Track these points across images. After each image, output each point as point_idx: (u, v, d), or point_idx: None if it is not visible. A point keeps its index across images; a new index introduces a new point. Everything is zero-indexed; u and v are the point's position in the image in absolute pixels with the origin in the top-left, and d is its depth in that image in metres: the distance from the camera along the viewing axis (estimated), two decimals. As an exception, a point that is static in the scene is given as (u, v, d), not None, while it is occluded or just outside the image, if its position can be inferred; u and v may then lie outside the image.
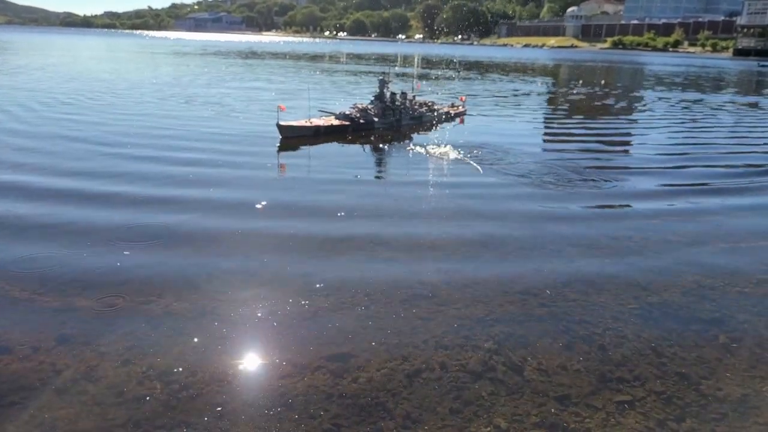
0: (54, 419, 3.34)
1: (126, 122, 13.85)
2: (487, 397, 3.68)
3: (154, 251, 5.83)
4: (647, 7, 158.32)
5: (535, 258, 6.06)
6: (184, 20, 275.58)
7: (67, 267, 5.36)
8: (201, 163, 9.76)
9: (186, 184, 8.47)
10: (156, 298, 4.83)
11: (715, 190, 9.36)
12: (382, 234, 6.59)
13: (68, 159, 9.83)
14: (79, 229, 6.41)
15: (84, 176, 8.71)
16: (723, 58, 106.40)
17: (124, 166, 9.38)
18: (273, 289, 5.12)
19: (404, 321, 4.59)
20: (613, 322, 4.72)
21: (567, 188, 9.00)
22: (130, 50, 60.79)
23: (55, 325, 4.34)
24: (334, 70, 39.35)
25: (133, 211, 7.10)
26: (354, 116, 13.48)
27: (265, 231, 6.61)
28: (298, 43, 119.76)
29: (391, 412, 3.51)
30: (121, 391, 3.59)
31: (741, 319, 4.88)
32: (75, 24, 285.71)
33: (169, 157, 10.10)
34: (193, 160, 9.93)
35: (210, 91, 21.60)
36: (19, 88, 19.98)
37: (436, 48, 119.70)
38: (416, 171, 10.02)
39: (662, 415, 3.58)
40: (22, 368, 3.80)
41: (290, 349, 4.14)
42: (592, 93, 28.44)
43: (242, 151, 10.98)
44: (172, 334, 4.27)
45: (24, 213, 6.87)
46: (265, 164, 10.18)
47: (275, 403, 3.54)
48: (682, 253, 6.41)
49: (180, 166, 9.47)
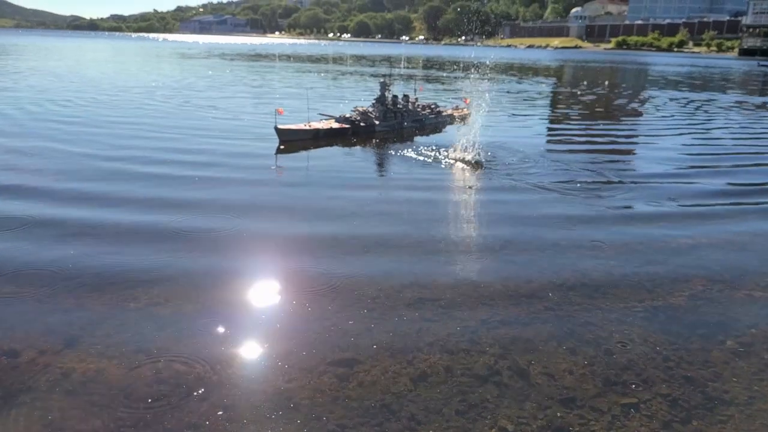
0: (63, 419, 3.37)
1: (123, 124, 13.94)
2: (492, 400, 3.69)
3: (155, 253, 5.87)
4: (651, 8, 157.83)
5: (541, 261, 6.06)
6: (189, 23, 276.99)
7: (76, 268, 5.41)
8: (196, 166, 9.73)
9: (180, 186, 8.46)
10: (163, 300, 4.87)
11: (737, 194, 9.20)
12: (383, 235, 6.61)
13: (65, 161, 9.91)
14: (77, 230, 6.46)
15: (84, 179, 8.77)
16: (728, 58, 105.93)
17: (114, 169, 9.38)
18: (277, 291, 5.15)
19: (409, 323, 4.60)
20: (618, 325, 4.71)
21: (572, 191, 8.97)
22: (136, 53, 61.16)
23: (63, 326, 4.38)
24: (337, 72, 39.43)
25: (129, 212, 7.15)
26: (354, 119, 13.35)
27: (265, 234, 6.64)
28: (301, 45, 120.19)
29: (397, 414, 3.52)
30: (129, 393, 3.62)
31: (748, 323, 4.86)
32: (81, 27, 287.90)
33: (160, 160, 10.05)
34: (187, 163, 9.88)
35: (211, 93, 21.69)
36: (39, 90, 20.15)
37: (440, 49, 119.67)
38: (416, 174, 9.96)
39: (668, 417, 3.57)
40: (30, 368, 3.84)
41: (295, 351, 4.16)
42: (599, 94, 28.38)
43: (239, 154, 10.94)
44: (178, 336, 4.30)
45: (32, 213, 6.93)
46: (262, 167, 10.16)
47: (281, 405, 3.56)
48: (695, 258, 6.39)
49: (172, 169, 9.41)
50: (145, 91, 21.90)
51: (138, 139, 12.18)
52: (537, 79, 39.85)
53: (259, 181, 9.13)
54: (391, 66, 27.80)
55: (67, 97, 18.83)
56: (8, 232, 6.37)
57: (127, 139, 12.05)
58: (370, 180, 9.67)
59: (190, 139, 12.40)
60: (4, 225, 6.56)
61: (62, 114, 15.36)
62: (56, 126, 13.44)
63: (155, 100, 18.91)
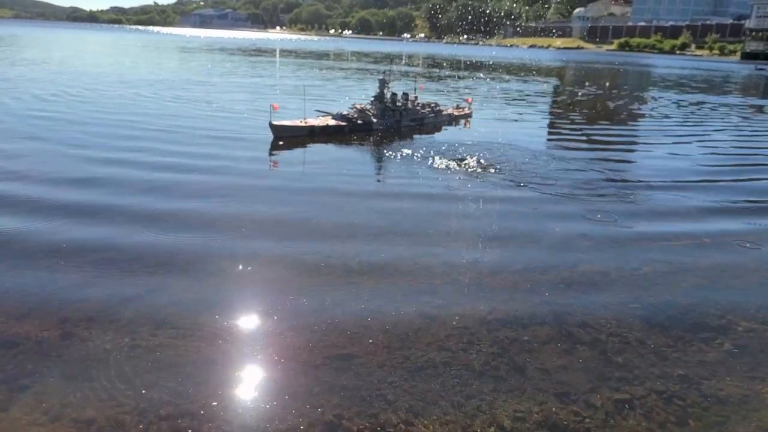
0: (62, 405, 3.40)
1: (115, 118, 13.81)
2: (488, 393, 3.72)
3: (153, 254, 5.89)
4: (655, 9, 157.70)
5: (540, 258, 6.09)
6: (190, 16, 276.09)
7: (78, 261, 5.43)
8: (183, 166, 9.28)
9: (165, 189, 7.94)
10: (158, 298, 4.89)
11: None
12: (383, 236, 6.63)
13: (59, 160, 9.88)
14: (73, 236, 6.47)
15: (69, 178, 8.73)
16: (731, 62, 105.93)
17: (94, 168, 8.90)
18: (274, 286, 5.18)
19: (407, 319, 4.63)
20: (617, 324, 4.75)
21: (572, 191, 8.99)
22: (136, 46, 60.96)
23: (63, 314, 4.40)
24: (337, 68, 39.38)
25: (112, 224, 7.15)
26: (351, 117, 13.13)
27: (261, 238, 6.66)
28: (303, 41, 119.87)
29: (393, 404, 3.55)
30: (129, 380, 3.65)
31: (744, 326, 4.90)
32: (81, 19, 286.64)
33: (145, 161, 9.53)
34: (175, 162, 9.49)
35: (208, 88, 21.53)
36: (37, 80, 20.09)
37: (441, 47, 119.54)
38: (411, 174, 9.69)
39: (663, 416, 3.60)
40: (32, 354, 3.86)
41: (292, 344, 4.19)
42: (601, 95, 28.39)
43: (230, 150, 10.70)
44: (176, 331, 4.32)
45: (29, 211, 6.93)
46: (254, 164, 9.91)
47: (277, 396, 3.59)
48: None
49: (158, 170, 8.92)
50: (139, 84, 21.79)
51: (122, 139, 11.36)
52: (539, 79, 39.86)
53: (250, 181, 8.71)
54: (391, 63, 27.58)
55: (55, 92, 18.54)
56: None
57: (109, 138, 11.26)
58: (363, 180, 9.41)
59: (180, 135, 11.92)
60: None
61: (47, 109, 15.06)
62: (38, 122, 13.18)
63: (148, 94, 18.68)
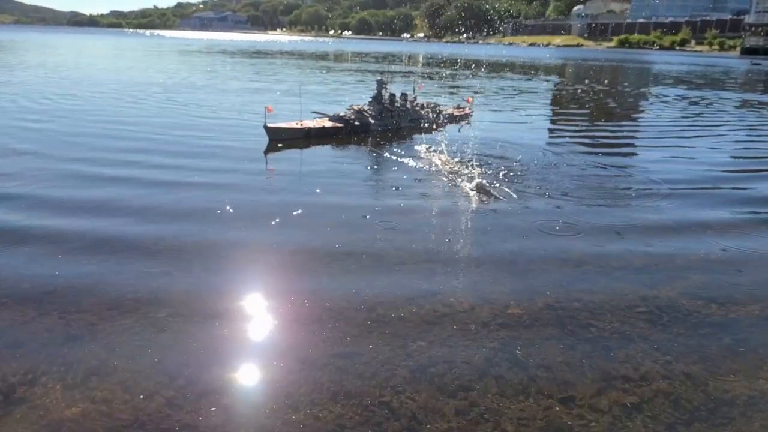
0: (60, 419, 3.36)
1: (115, 118, 13.87)
2: (492, 398, 3.67)
3: (151, 256, 5.86)
4: (654, 6, 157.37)
5: (539, 258, 6.04)
6: (190, 19, 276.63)
7: (73, 272, 5.40)
8: (176, 168, 9.29)
9: (160, 189, 7.95)
10: (158, 301, 4.85)
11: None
12: (383, 234, 6.59)
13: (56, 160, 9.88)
14: (69, 237, 6.44)
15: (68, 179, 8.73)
16: (730, 57, 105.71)
17: (84, 172, 8.85)
18: (275, 294, 5.14)
19: (409, 325, 4.58)
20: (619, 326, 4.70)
21: (572, 193, 8.94)
22: (137, 49, 61.05)
23: (62, 325, 4.36)
24: (337, 69, 39.35)
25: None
26: (348, 118, 12.95)
27: (258, 238, 6.63)
28: (302, 42, 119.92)
29: (396, 412, 3.51)
30: (129, 391, 3.61)
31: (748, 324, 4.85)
32: (82, 23, 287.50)
33: (136, 160, 9.55)
34: (166, 165, 9.41)
35: (206, 90, 21.48)
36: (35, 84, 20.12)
37: (441, 47, 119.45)
38: (408, 177, 9.46)
39: (671, 419, 3.55)
40: (30, 365, 3.82)
41: (294, 350, 4.15)
42: (603, 93, 28.29)
43: (224, 152, 10.65)
44: (176, 336, 4.28)
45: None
46: (249, 168, 9.77)
47: (279, 404, 3.55)
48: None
49: (147, 170, 8.92)
50: (136, 87, 21.81)
51: (114, 139, 11.39)
52: (539, 77, 39.78)
53: (243, 183, 8.65)
54: (389, 63, 27.47)
55: (49, 95, 18.71)
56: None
57: (102, 139, 11.29)
58: (359, 183, 9.21)
59: (176, 137, 11.85)
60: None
61: (41, 111, 15.28)
62: (30, 125, 13.35)
63: (145, 96, 18.71)
